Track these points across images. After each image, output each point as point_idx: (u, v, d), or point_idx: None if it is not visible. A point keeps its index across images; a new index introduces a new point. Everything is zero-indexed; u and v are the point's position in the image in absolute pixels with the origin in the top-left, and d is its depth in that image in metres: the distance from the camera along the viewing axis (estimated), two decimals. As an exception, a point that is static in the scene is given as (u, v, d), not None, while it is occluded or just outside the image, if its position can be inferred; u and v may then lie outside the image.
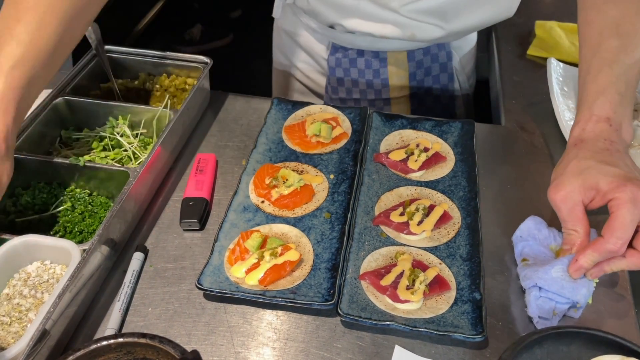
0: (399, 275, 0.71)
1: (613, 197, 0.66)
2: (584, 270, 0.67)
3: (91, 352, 0.58)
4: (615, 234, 0.65)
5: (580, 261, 0.67)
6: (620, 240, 0.65)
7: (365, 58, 1.06)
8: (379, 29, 0.99)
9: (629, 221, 0.64)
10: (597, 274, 0.68)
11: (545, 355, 0.63)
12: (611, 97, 0.74)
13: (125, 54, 1.01)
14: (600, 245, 0.66)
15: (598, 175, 0.68)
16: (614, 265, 0.67)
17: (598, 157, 0.70)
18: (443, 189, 0.84)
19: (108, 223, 0.72)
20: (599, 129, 0.73)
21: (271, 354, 0.67)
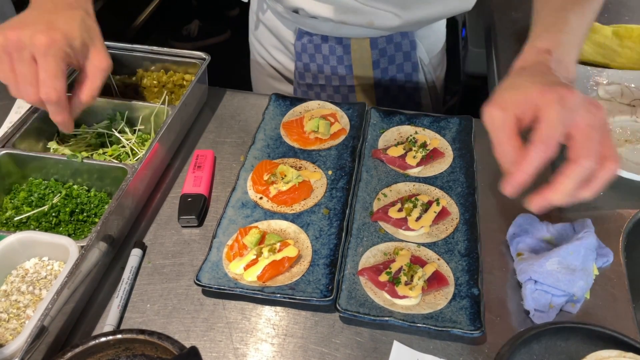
0: (398, 271, 0.71)
1: (540, 102, 0.62)
2: (517, 184, 0.62)
3: (90, 349, 0.58)
4: (542, 135, 0.60)
5: (514, 175, 0.61)
6: (550, 139, 0.60)
7: (329, 44, 1.07)
8: (338, 14, 1.01)
9: (554, 119, 0.60)
10: (539, 204, 0.62)
11: (543, 350, 0.63)
12: (555, 35, 0.73)
13: (123, 50, 1.01)
14: (529, 152, 0.60)
15: (529, 85, 0.64)
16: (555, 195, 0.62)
17: (533, 76, 0.67)
18: (441, 184, 0.84)
19: (106, 219, 0.71)
20: (540, 58, 0.70)
21: (270, 349, 0.67)
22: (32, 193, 0.79)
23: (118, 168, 0.79)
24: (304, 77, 1.13)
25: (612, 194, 0.85)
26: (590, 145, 0.61)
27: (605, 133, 0.62)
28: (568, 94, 0.61)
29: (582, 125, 0.61)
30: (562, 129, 0.61)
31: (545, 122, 0.61)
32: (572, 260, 0.69)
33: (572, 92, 0.62)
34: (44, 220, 0.77)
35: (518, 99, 0.64)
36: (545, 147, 0.60)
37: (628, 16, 1.26)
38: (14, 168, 0.81)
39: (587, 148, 0.60)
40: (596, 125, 0.61)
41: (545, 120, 0.61)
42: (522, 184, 0.62)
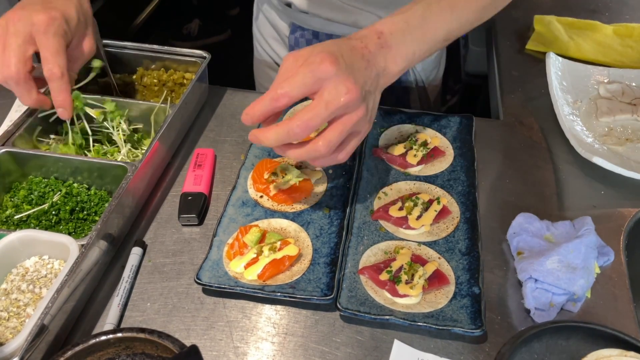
0: (398, 270, 0.71)
1: (305, 61, 0.64)
2: (249, 118, 0.66)
3: (90, 347, 0.58)
4: (278, 84, 0.64)
5: (249, 108, 0.66)
6: (282, 90, 0.63)
7: (320, 40, 1.07)
8: (325, 11, 1.01)
9: (297, 79, 0.63)
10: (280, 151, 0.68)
11: (544, 349, 0.63)
12: (396, 20, 0.71)
13: (123, 49, 1.01)
14: (264, 95, 0.65)
15: (312, 49, 0.66)
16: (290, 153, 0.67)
17: (340, 44, 0.67)
18: (442, 183, 0.84)
19: (106, 218, 0.71)
20: (364, 34, 0.69)
21: (270, 348, 0.67)
22: (32, 191, 0.79)
23: (118, 166, 0.79)
24: None
25: (613, 192, 0.85)
26: (314, 114, 0.63)
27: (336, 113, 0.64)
28: (326, 64, 0.62)
29: (321, 98, 0.63)
30: (300, 89, 0.63)
31: (289, 78, 0.64)
32: (573, 258, 0.69)
33: (333, 64, 0.62)
34: (44, 219, 0.77)
35: (301, 54, 0.66)
36: (276, 95, 0.64)
37: (629, 15, 1.25)
38: (14, 166, 0.81)
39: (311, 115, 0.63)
40: (333, 103, 0.63)
41: (291, 77, 0.64)
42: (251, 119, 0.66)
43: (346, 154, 0.68)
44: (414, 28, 0.71)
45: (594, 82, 1.04)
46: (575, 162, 0.90)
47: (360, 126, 0.67)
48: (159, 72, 1.00)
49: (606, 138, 0.93)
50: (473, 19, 0.77)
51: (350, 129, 0.65)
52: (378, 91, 0.70)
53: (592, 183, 0.87)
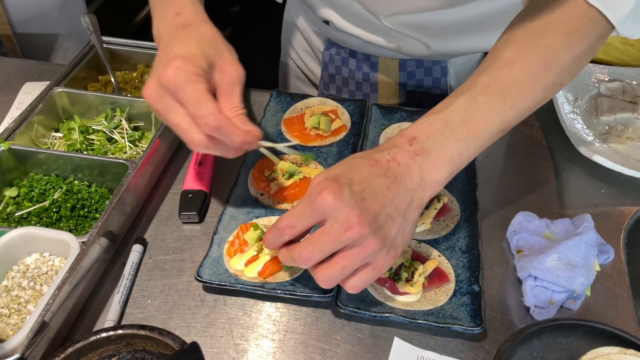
0: (398, 268, 0.71)
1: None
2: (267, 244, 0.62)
3: (91, 344, 0.58)
4: (285, 214, 0.60)
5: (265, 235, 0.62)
6: (285, 222, 0.59)
7: (357, 59, 1.04)
8: (367, 34, 0.98)
9: (297, 211, 0.58)
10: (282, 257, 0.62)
11: (543, 346, 0.63)
12: (431, 120, 0.61)
13: (124, 46, 1.01)
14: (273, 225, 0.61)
15: (333, 169, 0.59)
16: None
17: (359, 163, 0.59)
18: (442, 181, 0.84)
19: (107, 215, 0.71)
20: (394, 142, 0.61)
21: (270, 345, 0.67)
22: (33, 188, 0.79)
23: (119, 164, 0.79)
24: (328, 87, 1.11)
25: (613, 191, 0.85)
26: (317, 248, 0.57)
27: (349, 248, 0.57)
28: (324, 195, 0.56)
29: (324, 231, 0.57)
30: (305, 222, 0.59)
31: (292, 210, 0.59)
32: (573, 256, 0.69)
33: (332, 194, 0.55)
34: (45, 216, 0.77)
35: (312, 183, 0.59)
36: (279, 231, 0.60)
37: (630, 13, 1.25)
38: (14, 163, 0.81)
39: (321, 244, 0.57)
40: (333, 237, 0.56)
41: (295, 208, 0.59)
42: (270, 246, 0.63)
43: (354, 287, 0.59)
44: (456, 125, 0.61)
45: (594, 80, 1.04)
46: (575, 160, 0.90)
47: (375, 259, 0.57)
48: (159, 70, 1.00)
49: (607, 136, 0.93)
50: (533, 103, 0.65)
51: (358, 263, 0.57)
52: (412, 209, 0.59)
53: (592, 181, 0.87)
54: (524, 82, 0.63)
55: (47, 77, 1.03)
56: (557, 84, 0.66)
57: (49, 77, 0.98)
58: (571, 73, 0.67)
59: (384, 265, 0.59)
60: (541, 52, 0.63)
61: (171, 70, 0.62)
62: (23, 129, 0.84)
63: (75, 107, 0.92)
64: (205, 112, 0.61)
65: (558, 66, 0.64)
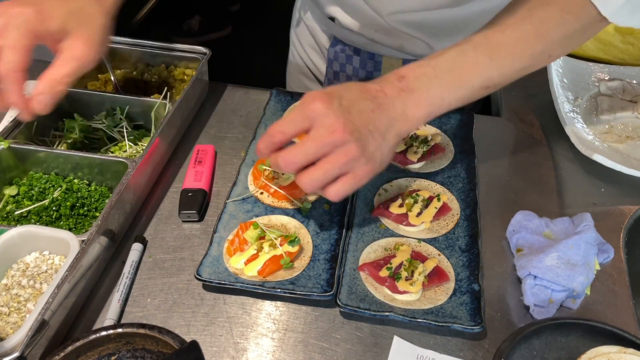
0: (398, 267, 0.71)
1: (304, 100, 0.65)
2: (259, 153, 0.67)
3: (90, 343, 0.58)
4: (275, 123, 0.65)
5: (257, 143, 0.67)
6: (276, 127, 0.65)
7: (361, 57, 1.05)
8: (371, 32, 0.99)
9: (289, 117, 0.64)
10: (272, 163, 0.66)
11: (543, 345, 0.63)
12: (422, 64, 0.68)
13: (124, 45, 1.01)
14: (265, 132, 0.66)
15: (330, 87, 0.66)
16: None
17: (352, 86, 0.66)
18: (442, 180, 0.84)
19: (107, 214, 0.71)
20: (386, 77, 0.68)
21: (270, 344, 0.67)
22: (33, 187, 0.79)
23: (119, 162, 0.79)
24: (332, 84, 1.11)
25: (613, 190, 0.85)
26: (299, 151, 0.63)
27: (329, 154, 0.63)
28: (316, 103, 0.63)
29: (309, 136, 0.63)
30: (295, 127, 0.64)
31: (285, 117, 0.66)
32: (573, 255, 0.69)
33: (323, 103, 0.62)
34: (44, 215, 0.77)
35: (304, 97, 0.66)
36: (269, 136, 0.65)
37: (630, 12, 1.25)
38: (14, 162, 0.81)
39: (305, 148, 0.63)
40: (317, 140, 0.62)
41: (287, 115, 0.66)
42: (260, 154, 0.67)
43: (334, 193, 0.64)
44: (443, 73, 0.67)
45: (594, 79, 1.04)
46: (575, 159, 0.90)
47: (353, 167, 0.64)
48: (159, 69, 1.00)
49: (607, 135, 0.93)
50: (519, 67, 0.70)
51: (339, 168, 0.63)
52: (391, 135, 0.66)
53: (592, 180, 0.87)
54: (512, 46, 0.68)
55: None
56: (545, 54, 0.71)
57: (49, 75, 0.98)
58: (560, 48, 0.72)
59: (363, 175, 0.65)
60: (534, 22, 0.68)
61: (18, 11, 0.66)
62: (23, 127, 0.84)
63: (75, 106, 0.92)
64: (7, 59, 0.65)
65: (548, 38, 0.69)
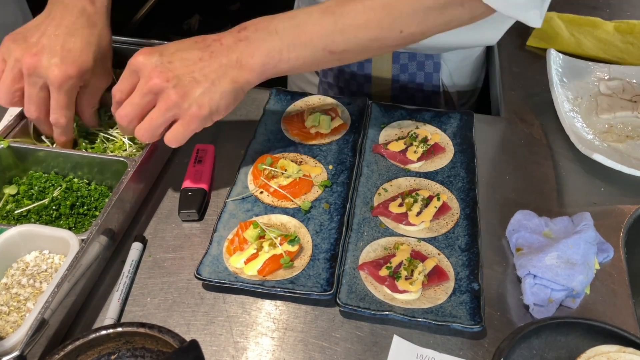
0: (398, 266, 0.71)
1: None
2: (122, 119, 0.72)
3: (90, 342, 0.58)
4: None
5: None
6: (114, 88, 0.72)
7: None
8: None
9: (122, 75, 0.72)
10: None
11: (543, 345, 0.63)
12: (267, 18, 0.73)
13: (123, 44, 1.00)
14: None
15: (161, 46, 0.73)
16: None
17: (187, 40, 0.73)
18: (442, 179, 0.84)
19: (106, 213, 0.71)
20: (229, 30, 0.73)
21: (270, 343, 0.67)
22: (33, 186, 0.79)
23: (118, 161, 0.79)
24: (327, 75, 1.13)
25: (612, 189, 0.85)
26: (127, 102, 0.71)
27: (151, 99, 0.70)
28: (137, 57, 0.70)
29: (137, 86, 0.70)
30: (121, 85, 0.72)
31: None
32: (572, 254, 0.69)
33: (143, 56, 0.69)
34: (44, 214, 0.77)
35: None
36: (114, 95, 0.73)
37: (630, 12, 1.25)
38: (14, 161, 0.81)
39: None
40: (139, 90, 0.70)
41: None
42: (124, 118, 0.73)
43: (169, 139, 0.71)
44: (285, 29, 0.71)
45: (594, 78, 1.04)
46: (575, 158, 0.90)
47: (178, 112, 0.69)
48: (159, 68, 1.00)
49: (606, 135, 0.93)
50: (367, 37, 0.72)
51: (163, 115, 0.69)
52: (223, 82, 0.70)
53: (592, 180, 0.87)
54: (359, 14, 0.71)
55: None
56: (396, 29, 0.72)
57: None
58: (413, 25, 0.73)
59: (191, 120, 0.70)
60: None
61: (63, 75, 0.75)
62: (22, 126, 0.84)
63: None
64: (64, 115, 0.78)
65: (396, 10, 0.71)
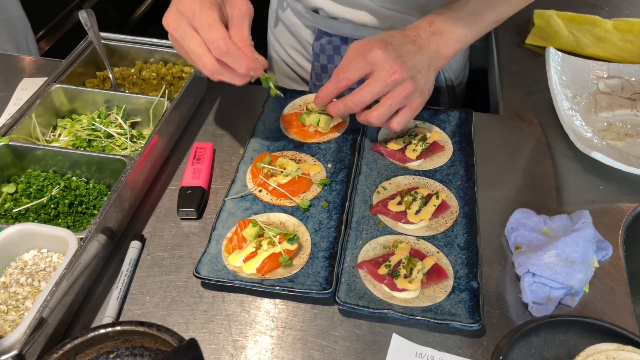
0: (397, 264, 0.71)
1: (361, 50, 0.79)
2: (320, 100, 0.82)
3: (89, 341, 0.58)
4: (339, 70, 0.79)
5: (319, 92, 0.81)
6: (342, 74, 0.78)
7: (348, 46, 1.05)
8: (359, 16, 1.00)
9: (352, 64, 0.78)
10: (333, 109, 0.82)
11: (542, 343, 0.63)
12: (445, 9, 0.83)
13: (122, 42, 1.00)
14: (329, 80, 0.80)
15: (376, 36, 0.80)
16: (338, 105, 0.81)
17: (394, 34, 0.81)
18: (441, 178, 0.84)
19: (105, 211, 0.71)
20: (417, 24, 0.82)
21: (269, 342, 0.67)
22: (31, 185, 0.79)
23: (117, 160, 0.79)
24: (321, 78, 1.12)
25: (611, 187, 0.85)
26: (366, 92, 0.77)
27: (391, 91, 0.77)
28: (375, 51, 0.76)
29: (372, 78, 0.77)
30: (357, 73, 0.78)
31: (345, 62, 0.80)
32: (571, 252, 0.69)
33: (381, 50, 0.76)
34: (42, 212, 0.77)
35: (361, 43, 0.80)
36: (337, 79, 0.79)
37: (629, 10, 1.25)
38: (12, 160, 0.81)
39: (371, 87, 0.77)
40: (380, 81, 0.76)
41: (348, 62, 0.79)
42: (322, 101, 0.82)
43: (398, 124, 0.80)
44: (465, 14, 0.82)
45: (593, 77, 1.04)
46: (574, 157, 0.90)
47: (410, 100, 0.78)
48: (157, 66, 1.00)
49: (605, 133, 0.93)
50: (513, 4, 0.84)
51: (400, 102, 0.78)
52: (432, 71, 0.81)
53: (591, 178, 0.87)
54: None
55: (44, 73, 1.03)
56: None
57: (47, 73, 0.98)
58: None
59: (418, 106, 0.80)
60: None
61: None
62: (21, 125, 0.84)
63: (73, 104, 0.92)
64: (216, 37, 0.69)
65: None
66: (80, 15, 0.99)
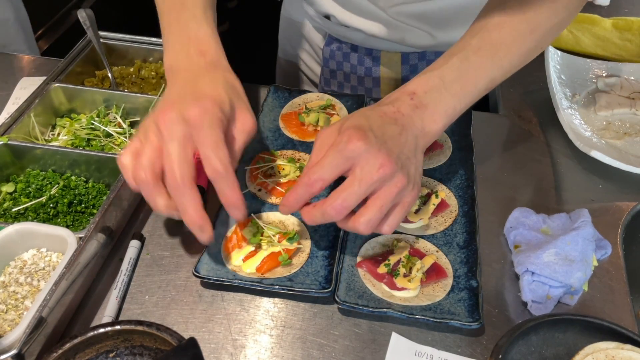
0: (396, 263, 0.71)
1: (332, 142, 0.63)
2: (287, 209, 0.65)
3: (88, 340, 0.58)
4: (310, 169, 0.63)
5: (285, 199, 0.65)
6: (314, 175, 0.62)
7: (358, 54, 1.04)
8: (370, 26, 0.98)
9: (327, 161, 0.62)
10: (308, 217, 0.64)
11: (541, 341, 0.63)
12: (428, 77, 0.67)
13: (121, 41, 1.00)
14: (299, 180, 0.64)
15: (339, 125, 0.64)
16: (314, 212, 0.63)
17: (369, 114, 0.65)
18: (440, 177, 0.84)
19: (104, 211, 0.71)
20: (396, 97, 0.67)
21: (268, 341, 0.67)
22: (30, 184, 0.79)
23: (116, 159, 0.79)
24: (329, 83, 1.11)
25: (610, 186, 0.85)
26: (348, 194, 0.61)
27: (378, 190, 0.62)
28: (354, 142, 0.60)
29: (354, 176, 0.61)
30: (332, 171, 0.62)
31: (318, 160, 0.63)
32: (570, 250, 0.69)
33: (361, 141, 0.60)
34: (42, 212, 0.77)
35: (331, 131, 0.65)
36: (309, 181, 0.62)
37: (628, 9, 1.25)
38: (11, 159, 0.81)
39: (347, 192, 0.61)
40: (366, 179, 0.61)
41: (322, 160, 0.62)
42: (289, 207, 0.65)
43: (390, 227, 0.64)
44: (451, 83, 0.67)
45: (592, 75, 1.04)
46: (573, 155, 0.90)
47: (403, 196, 0.63)
48: (156, 65, 1.00)
49: (604, 132, 0.93)
50: (517, 63, 0.72)
51: (392, 201, 0.62)
52: (419, 153, 0.66)
53: (590, 177, 0.87)
54: (510, 45, 0.69)
55: (43, 72, 1.03)
56: (538, 47, 0.73)
57: (46, 72, 0.98)
58: (550, 38, 0.74)
59: (411, 201, 0.64)
60: (528, 18, 0.69)
61: (199, 110, 0.62)
62: (20, 124, 0.84)
63: (72, 103, 0.92)
64: (218, 158, 0.62)
65: (541, 31, 0.70)
66: (79, 14, 0.99)
